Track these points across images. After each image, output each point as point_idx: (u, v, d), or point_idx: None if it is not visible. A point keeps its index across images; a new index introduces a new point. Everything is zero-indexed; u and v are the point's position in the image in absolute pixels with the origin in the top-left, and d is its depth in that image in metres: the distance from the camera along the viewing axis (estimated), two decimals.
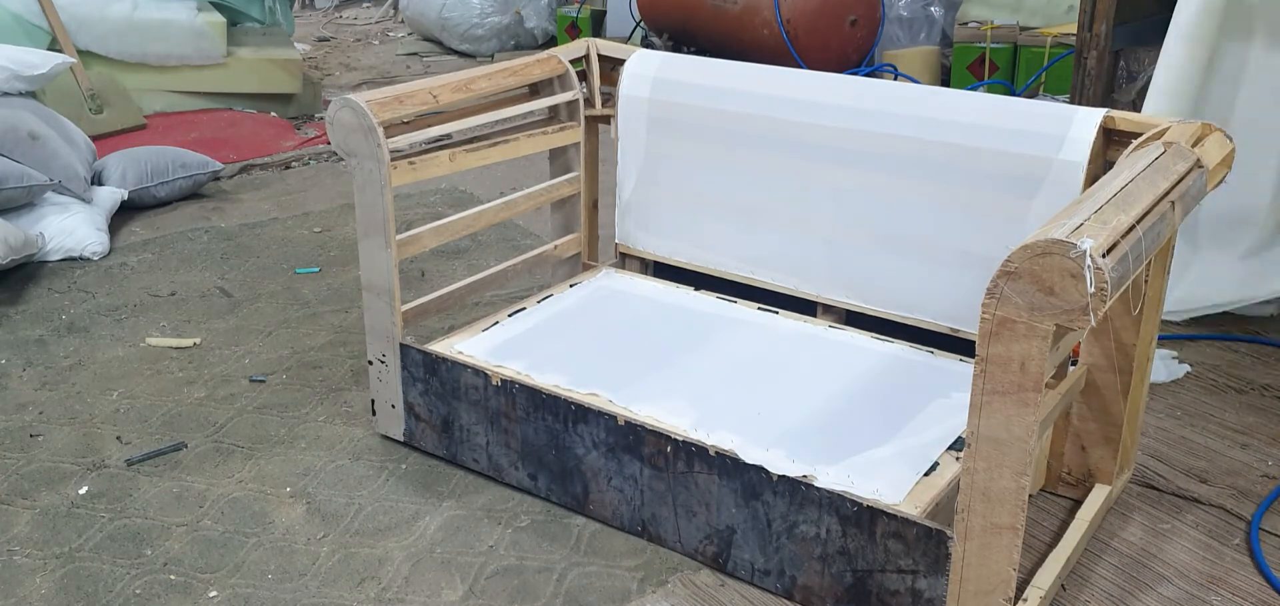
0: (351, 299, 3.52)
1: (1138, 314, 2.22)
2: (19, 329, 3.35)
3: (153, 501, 2.47)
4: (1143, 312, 2.23)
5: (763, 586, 2.14)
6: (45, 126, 4.06)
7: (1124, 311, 2.22)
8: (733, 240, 2.86)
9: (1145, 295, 2.23)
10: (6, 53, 4.17)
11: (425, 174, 2.58)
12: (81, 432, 2.76)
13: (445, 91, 2.59)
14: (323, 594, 2.17)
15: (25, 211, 3.85)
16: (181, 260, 3.93)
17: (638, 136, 2.95)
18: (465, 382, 2.46)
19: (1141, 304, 2.22)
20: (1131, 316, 2.23)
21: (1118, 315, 2.24)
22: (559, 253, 3.07)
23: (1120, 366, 2.28)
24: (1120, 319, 2.24)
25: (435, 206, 4.40)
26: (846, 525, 1.98)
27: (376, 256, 2.51)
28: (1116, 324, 2.25)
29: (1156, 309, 2.27)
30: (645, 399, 2.31)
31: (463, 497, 2.47)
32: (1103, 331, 2.26)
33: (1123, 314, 2.23)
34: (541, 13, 7.97)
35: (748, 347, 2.59)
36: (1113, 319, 2.24)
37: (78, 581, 2.20)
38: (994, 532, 1.81)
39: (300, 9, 9.83)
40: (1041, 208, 2.30)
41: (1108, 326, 2.25)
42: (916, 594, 1.94)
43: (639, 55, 2.98)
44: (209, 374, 3.07)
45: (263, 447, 2.69)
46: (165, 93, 5.67)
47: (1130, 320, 2.23)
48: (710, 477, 2.14)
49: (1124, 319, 2.24)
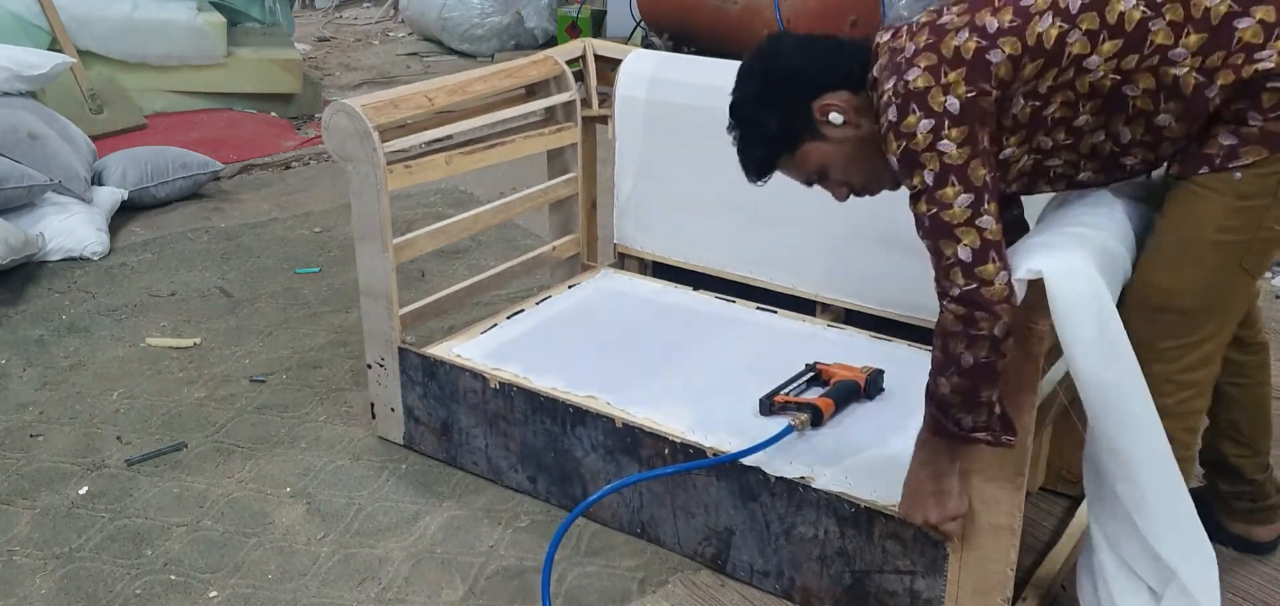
0: (351, 299, 3.52)
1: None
2: (19, 329, 3.36)
3: (153, 501, 2.47)
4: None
5: (762, 587, 2.14)
6: (45, 126, 4.06)
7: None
8: (731, 240, 2.86)
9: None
10: (6, 53, 4.18)
11: (422, 177, 2.58)
12: (81, 432, 2.76)
13: (441, 94, 2.59)
14: (323, 594, 2.17)
15: (25, 211, 3.85)
16: (181, 260, 3.93)
17: (635, 136, 2.95)
18: (464, 386, 2.46)
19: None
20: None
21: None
22: (558, 254, 3.07)
23: None
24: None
25: (435, 206, 4.40)
26: (845, 526, 1.99)
27: (374, 260, 2.51)
28: None
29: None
30: (644, 400, 2.31)
31: (463, 498, 2.47)
32: None
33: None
34: (541, 13, 7.97)
35: (747, 347, 2.59)
36: None
37: (78, 581, 2.21)
38: (991, 533, 1.81)
39: (300, 9, 9.82)
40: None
41: None
42: (914, 594, 1.94)
43: (635, 55, 2.98)
44: (209, 374, 3.07)
45: (263, 447, 2.69)
46: (165, 93, 5.67)
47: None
48: (708, 479, 2.14)
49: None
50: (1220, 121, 1.63)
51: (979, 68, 1.62)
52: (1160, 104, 1.63)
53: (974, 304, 1.60)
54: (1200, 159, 1.65)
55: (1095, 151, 1.72)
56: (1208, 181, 1.65)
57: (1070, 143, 1.71)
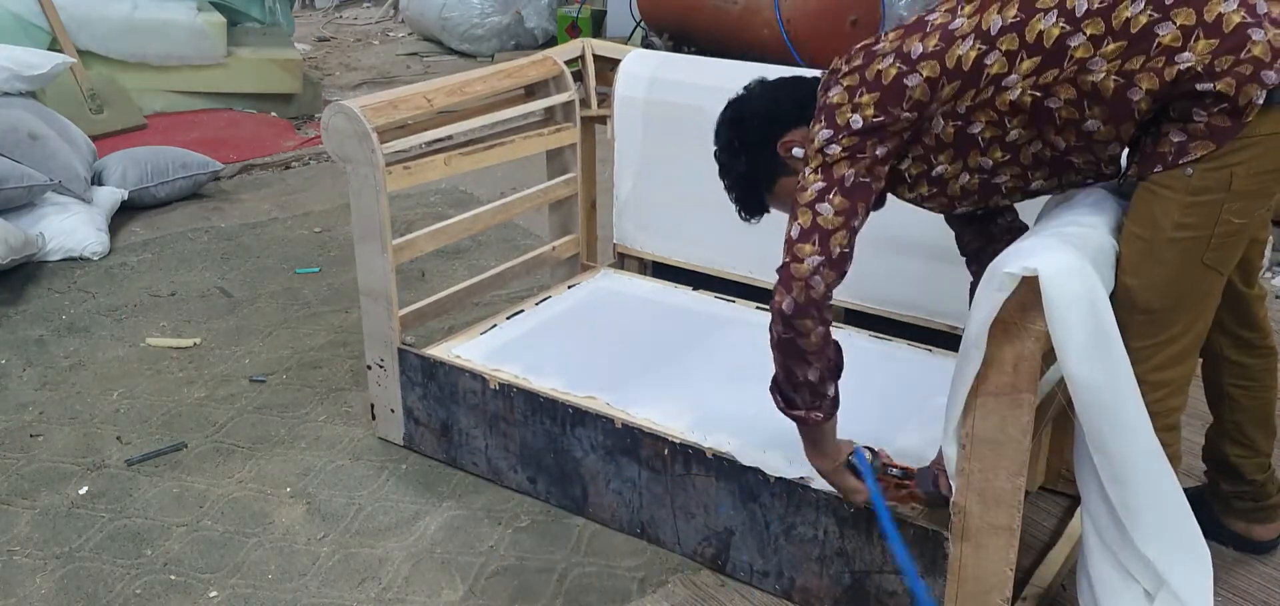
0: (351, 299, 3.52)
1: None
2: (19, 329, 3.36)
3: (153, 501, 2.47)
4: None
5: (761, 587, 2.14)
6: (45, 126, 4.06)
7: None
8: (731, 240, 2.85)
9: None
10: (6, 53, 4.18)
11: (421, 178, 2.58)
12: (81, 432, 2.77)
13: (440, 95, 2.59)
14: (323, 594, 2.17)
15: (25, 211, 3.85)
16: (181, 260, 3.93)
17: (634, 136, 2.95)
18: (464, 386, 2.46)
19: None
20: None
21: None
22: (557, 254, 3.07)
23: None
24: None
25: (435, 206, 4.40)
26: (844, 526, 1.99)
27: (373, 261, 2.51)
28: None
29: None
30: (643, 400, 2.31)
31: (463, 498, 2.47)
32: None
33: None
34: (541, 13, 7.97)
35: (746, 347, 2.59)
36: None
37: (78, 581, 2.21)
38: (990, 533, 1.81)
39: (300, 9, 9.82)
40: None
41: None
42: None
43: (634, 55, 2.98)
44: (209, 374, 3.07)
45: (263, 448, 2.69)
46: (165, 93, 5.67)
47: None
48: (708, 479, 2.14)
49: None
50: (1169, 120, 1.66)
51: (894, 92, 1.74)
52: (1084, 110, 1.68)
53: (781, 277, 1.79)
54: (1154, 158, 1.69)
55: (1038, 160, 1.77)
56: (1162, 180, 1.68)
57: (1009, 158, 1.78)
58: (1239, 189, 1.64)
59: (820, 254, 1.75)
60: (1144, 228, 1.71)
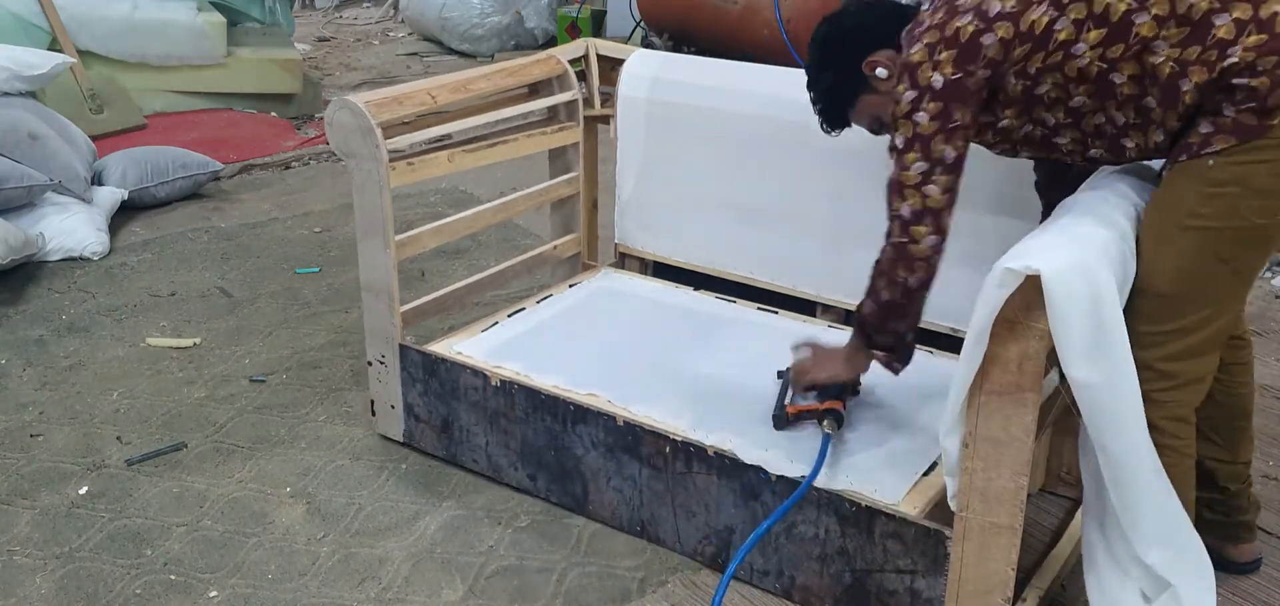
0: (351, 299, 3.52)
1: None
2: (19, 329, 3.35)
3: (153, 501, 2.47)
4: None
5: (762, 586, 2.14)
6: (45, 126, 4.06)
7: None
8: (732, 240, 2.86)
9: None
10: (6, 53, 4.18)
11: (424, 174, 2.58)
12: (81, 432, 2.76)
13: (444, 92, 2.59)
14: (323, 594, 2.17)
15: (25, 211, 3.85)
16: (181, 260, 3.93)
17: (637, 136, 2.95)
18: (464, 383, 2.46)
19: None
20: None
21: None
22: (558, 253, 3.07)
23: None
24: None
25: (436, 206, 4.40)
26: (845, 525, 1.99)
27: (375, 257, 2.51)
28: None
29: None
30: (644, 399, 2.31)
31: (463, 497, 2.47)
32: None
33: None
34: (541, 13, 7.97)
35: (747, 347, 2.59)
36: None
37: (78, 581, 2.21)
38: (992, 532, 1.81)
39: (300, 9, 9.82)
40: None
41: None
42: (915, 594, 1.94)
43: (638, 55, 2.98)
44: (209, 374, 3.07)
45: (263, 447, 2.69)
46: (165, 93, 5.67)
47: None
48: (709, 478, 2.14)
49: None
50: (1202, 112, 1.71)
51: (971, 50, 1.78)
52: (1145, 88, 1.73)
53: (900, 255, 1.89)
54: (1182, 147, 1.74)
55: (1099, 131, 1.83)
56: (1184, 167, 1.73)
57: (1070, 122, 1.84)
58: (1260, 187, 1.67)
59: (935, 233, 1.85)
60: (1160, 211, 1.76)
